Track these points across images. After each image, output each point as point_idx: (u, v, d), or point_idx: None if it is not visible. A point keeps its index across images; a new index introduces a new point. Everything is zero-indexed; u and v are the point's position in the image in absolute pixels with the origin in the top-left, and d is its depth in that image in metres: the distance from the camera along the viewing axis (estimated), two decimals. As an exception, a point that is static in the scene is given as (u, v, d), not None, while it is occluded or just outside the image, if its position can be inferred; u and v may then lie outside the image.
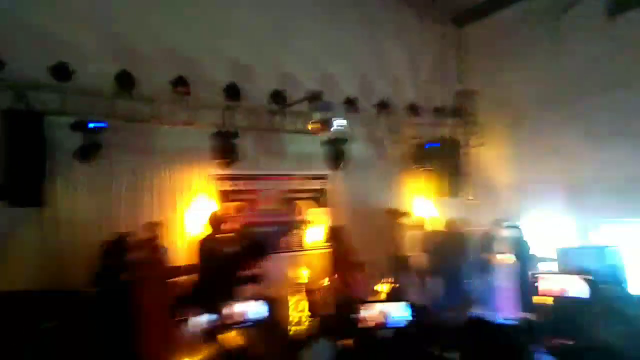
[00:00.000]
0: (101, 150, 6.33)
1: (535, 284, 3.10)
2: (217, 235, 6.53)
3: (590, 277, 3.95)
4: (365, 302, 1.78)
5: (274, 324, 1.40)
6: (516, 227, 8.08)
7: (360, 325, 1.70)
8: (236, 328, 1.90)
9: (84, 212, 6.52)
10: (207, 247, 6.25)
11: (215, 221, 6.72)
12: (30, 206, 5.94)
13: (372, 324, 1.68)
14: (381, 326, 1.67)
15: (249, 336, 2.49)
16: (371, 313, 1.66)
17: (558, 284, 3.25)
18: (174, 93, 6.95)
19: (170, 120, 7.09)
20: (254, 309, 1.76)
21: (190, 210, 7.32)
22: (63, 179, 6.39)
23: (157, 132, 7.13)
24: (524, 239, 8.01)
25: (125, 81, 6.57)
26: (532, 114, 8.80)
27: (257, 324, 1.62)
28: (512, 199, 9.01)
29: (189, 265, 6.19)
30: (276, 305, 1.52)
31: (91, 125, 6.30)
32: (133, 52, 6.98)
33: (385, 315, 1.64)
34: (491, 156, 9.58)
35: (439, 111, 9.46)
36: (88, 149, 6.23)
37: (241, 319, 1.79)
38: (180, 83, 6.98)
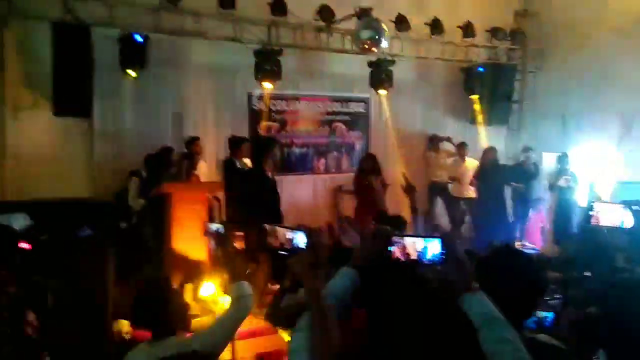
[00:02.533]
0: (146, 64, 6.42)
1: (590, 212, 3.02)
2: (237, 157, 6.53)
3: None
4: (400, 234, 1.71)
5: (313, 253, 1.41)
6: (564, 157, 7.80)
7: (394, 258, 1.65)
8: (278, 253, 1.96)
9: (129, 124, 6.78)
10: (228, 166, 6.35)
11: (235, 143, 6.69)
12: (76, 117, 6.19)
13: (407, 258, 1.63)
14: (415, 262, 1.62)
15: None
16: (406, 245, 1.60)
17: (611, 214, 3.12)
18: (219, 7, 6.81)
19: (215, 35, 7.02)
20: (297, 238, 1.82)
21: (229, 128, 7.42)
22: (109, 92, 6.58)
23: (201, 46, 7.11)
24: (571, 169, 7.75)
25: (170, -7, 6.48)
26: (594, 39, 8.08)
27: (299, 252, 1.67)
28: (565, 128, 8.59)
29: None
30: (316, 235, 1.52)
31: (137, 37, 6.34)
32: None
33: (418, 250, 1.58)
34: (547, 83, 9.02)
35: (495, 32, 8.84)
36: (133, 61, 6.32)
37: (286, 245, 1.85)
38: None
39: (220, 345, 2.24)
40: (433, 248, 1.72)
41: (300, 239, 2.05)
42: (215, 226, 2.86)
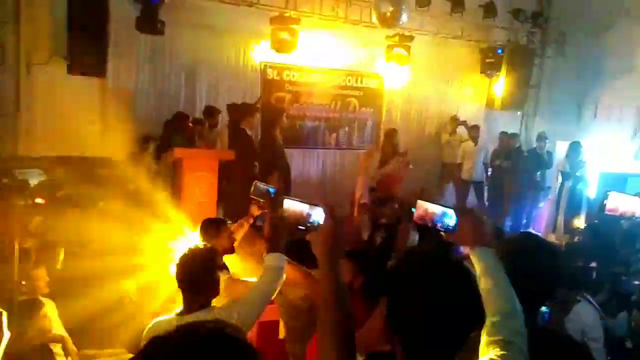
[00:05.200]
0: (161, 25, 6.31)
1: (604, 201, 2.97)
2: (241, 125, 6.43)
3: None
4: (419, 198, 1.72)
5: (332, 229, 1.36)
6: (577, 145, 7.71)
7: (414, 218, 1.70)
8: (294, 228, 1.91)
9: (142, 85, 6.71)
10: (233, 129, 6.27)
11: (238, 110, 6.56)
12: (90, 75, 6.13)
13: (426, 221, 1.68)
14: (433, 226, 1.67)
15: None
16: (427, 209, 1.64)
17: (628, 204, 3.07)
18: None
19: (232, -1, 6.88)
20: (315, 213, 1.73)
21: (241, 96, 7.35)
22: (123, 51, 6.49)
23: (218, 10, 6.97)
24: (582, 158, 7.66)
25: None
26: (617, 25, 7.88)
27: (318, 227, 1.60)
28: (580, 117, 8.49)
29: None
30: (335, 211, 1.46)
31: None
32: None
33: (437, 215, 1.62)
34: (565, 69, 8.86)
35: (517, 14, 8.64)
36: (149, 21, 6.20)
37: (303, 220, 1.75)
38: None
39: (256, 316, 2.17)
40: (449, 216, 1.76)
41: (317, 215, 1.99)
42: (267, 187, 2.67)
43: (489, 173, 8.32)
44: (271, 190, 2.65)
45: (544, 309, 2.32)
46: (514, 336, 1.32)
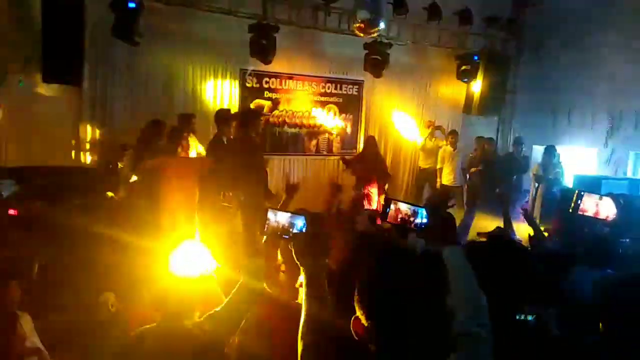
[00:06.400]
0: (138, 32, 6.26)
1: (578, 202, 3.02)
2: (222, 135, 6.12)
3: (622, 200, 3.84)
4: (393, 199, 1.79)
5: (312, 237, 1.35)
6: (552, 149, 7.85)
7: (388, 219, 1.76)
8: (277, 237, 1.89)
9: (119, 94, 6.64)
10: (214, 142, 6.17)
11: (221, 118, 6.25)
12: (66, 84, 6.03)
13: (400, 220, 1.77)
14: (406, 225, 1.76)
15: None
16: (400, 209, 1.72)
17: (596, 205, 3.17)
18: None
19: (210, 6, 6.87)
20: (298, 222, 1.72)
21: (220, 104, 7.34)
22: (100, 59, 6.43)
23: (195, 18, 6.95)
24: (558, 161, 7.80)
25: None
26: (590, 32, 8.09)
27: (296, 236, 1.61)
28: (555, 122, 8.66)
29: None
30: (316, 220, 1.46)
31: (131, 4, 6.16)
32: None
33: (409, 214, 1.70)
34: (540, 75, 9.04)
35: (492, 21, 8.81)
36: (125, 29, 6.15)
37: (286, 229, 1.72)
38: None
39: (234, 326, 2.13)
40: (420, 215, 1.86)
41: (299, 224, 2.03)
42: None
43: (467, 178, 8.42)
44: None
45: (529, 317, 2.33)
46: (480, 329, 1.38)
